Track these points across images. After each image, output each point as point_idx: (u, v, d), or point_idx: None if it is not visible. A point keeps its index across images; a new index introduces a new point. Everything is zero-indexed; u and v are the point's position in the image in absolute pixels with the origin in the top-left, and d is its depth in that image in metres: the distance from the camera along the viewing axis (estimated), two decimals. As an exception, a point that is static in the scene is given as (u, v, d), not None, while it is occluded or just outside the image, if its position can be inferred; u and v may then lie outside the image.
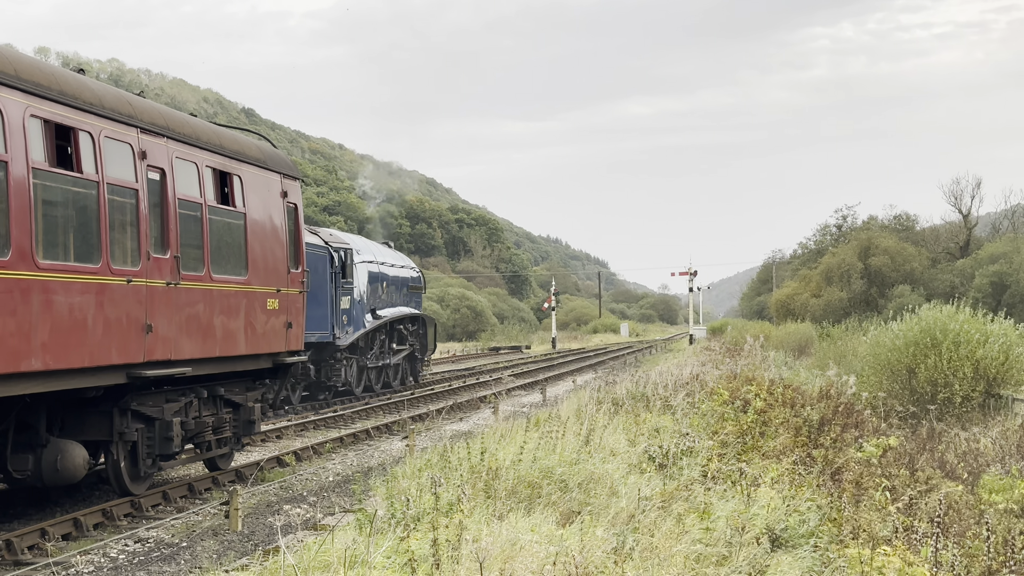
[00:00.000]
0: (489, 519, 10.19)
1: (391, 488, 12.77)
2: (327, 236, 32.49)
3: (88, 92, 13.49)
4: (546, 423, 15.97)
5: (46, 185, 12.28)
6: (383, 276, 36.89)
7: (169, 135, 15.15)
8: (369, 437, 24.75)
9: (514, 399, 33.76)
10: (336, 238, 33.15)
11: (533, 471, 11.99)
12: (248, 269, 17.21)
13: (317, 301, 29.49)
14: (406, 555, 8.78)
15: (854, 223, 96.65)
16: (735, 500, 11.22)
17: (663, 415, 19.25)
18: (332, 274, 31.42)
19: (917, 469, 16.73)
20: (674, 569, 8.11)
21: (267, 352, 18.03)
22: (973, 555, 10.66)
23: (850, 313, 70.22)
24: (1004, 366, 29.21)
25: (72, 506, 15.27)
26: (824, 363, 37.57)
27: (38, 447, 13.37)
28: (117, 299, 13.47)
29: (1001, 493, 15.20)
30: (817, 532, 9.93)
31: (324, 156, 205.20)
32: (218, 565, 10.84)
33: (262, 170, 18.10)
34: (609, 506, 10.97)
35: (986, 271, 75.30)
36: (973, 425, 25.88)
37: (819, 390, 24.73)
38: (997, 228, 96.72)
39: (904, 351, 29.84)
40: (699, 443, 14.28)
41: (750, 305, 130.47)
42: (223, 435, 17.46)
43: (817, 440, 17.62)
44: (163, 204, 14.82)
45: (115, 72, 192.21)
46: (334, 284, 31.46)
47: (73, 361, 12.66)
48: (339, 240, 33.03)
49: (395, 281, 38.41)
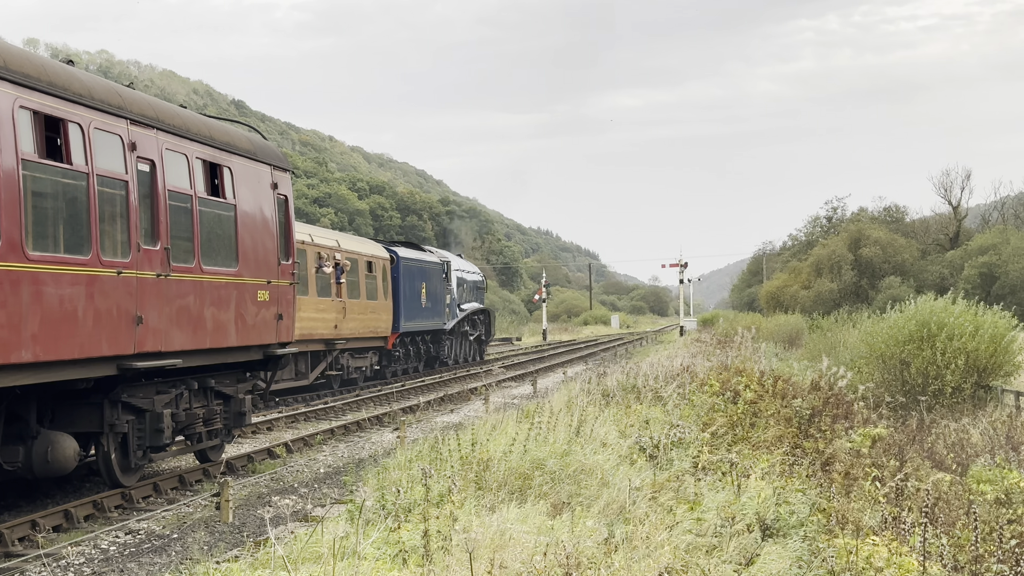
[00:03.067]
0: (480, 510, 10.22)
1: (382, 479, 12.79)
2: (440, 253, 47.41)
3: (77, 83, 13.46)
4: (537, 415, 15.99)
5: (36, 177, 12.25)
6: (464, 280, 50.84)
7: (159, 126, 15.12)
8: (360, 428, 24.75)
9: (505, 391, 33.80)
10: (439, 254, 47.38)
11: (524, 462, 12.02)
12: (239, 261, 17.19)
13: (435, 299, 43.81)
14: (397, 546, 8.80)
15: (844, 215, 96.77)
16: (725, 491, 11.26)
17: (654, 406, 19.29)
18: (443, 281, 45.34)
19: (907, 460, 16.79)
20: (664, 559, 8.13)
21: (258, 344, 18.01)
22: (961, 545, 10.71)
23: (840, 304, 70.38)
24: (993, 357, 29.31)
25: (63, 498, 15.26)
26: (814, 354, 37.64)
27: (28, 439, 13.35)
28: (107, 291, 13.45)
29: (990, 483, 15.27)
30: (807, 522, 9.97)
31: (314, 148, 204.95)
32: (209, 556, 10.84)
33: (252, 162, 18.07)
34: (600, 497, 11.00)
35: (976, 262, 75.48)
36: (963, 416, 25.96)
37: (810, 381, 24.80)
38: (987, 219, 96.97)
39: (900, 343, 29.91)
40: (690, 434, 14.32)
41: (740, 297, 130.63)
42: (214, 427, 17.46)
43: (807, 431, 17.68)
44: (153, 196, 14.79)
45: (104, 63, 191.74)
46: (443, 288, 45.39)
47: (63, 353, 12.65)
48: (442, 256, 47.28)
49: (470, 284, 52.39)
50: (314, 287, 31.36)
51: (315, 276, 31.50)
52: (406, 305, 40.16)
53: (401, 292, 39.62)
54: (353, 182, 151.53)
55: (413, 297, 41.26)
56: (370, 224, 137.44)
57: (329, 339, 32.15)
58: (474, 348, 52.06)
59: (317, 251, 31.84)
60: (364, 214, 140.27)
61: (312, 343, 30.88)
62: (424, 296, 42.63)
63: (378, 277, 37.44)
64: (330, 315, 32.51)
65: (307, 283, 30.41)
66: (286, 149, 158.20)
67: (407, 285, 40.44)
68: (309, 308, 30.37)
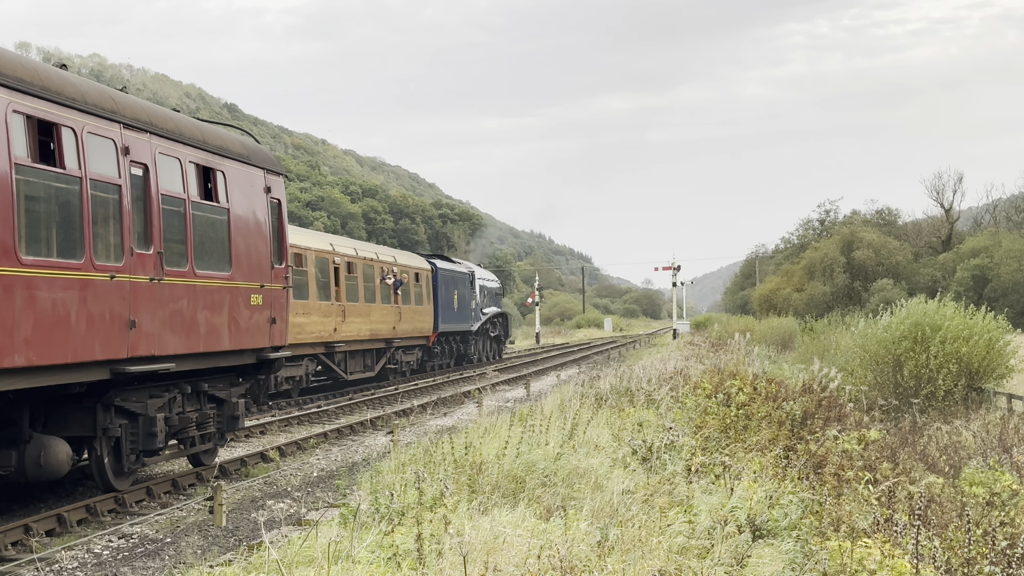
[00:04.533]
0: (473, 513, 10.23)
1: (375, 483, 12.78)
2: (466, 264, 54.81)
3: (71, 87, 13.46)
4: (530, 418, 16.00)
5: (29, 181, 12.25)
6: (485, 287, 57.09)
7: (152, 131, 15.12)
8: (353, 432, 24.75)
9: (498, 394, 33.79)
10: (466, 265, 54.38)
11: (517, 466, 12.03)
12: (232, 265, 17.20)
13: (463, 305, 50.36)
14: (390, 549, 8.81)
15: (836, 217, 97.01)
16: (718, 493, 11.28)
17: (647, 409, 19.31)
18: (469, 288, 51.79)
19: (899, 462, 16.83)
20: (657, 561, 8.15)
21: (251, 348, 18.02)
22: (954, 547, 10.75)
23: (832, 307, 70.50)
24: (985, 360, 29.40)
25: (56, 502, 15.25)
26: (807, 357, 37.70)
27: (21, 443, 13.34)
28: (100, 295, 13.45)
29: (982, 485, 15.31)
30: (799, 524, 10.00)
31: (307, 151, 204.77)
32: (202, 560, 10.85)
33: (245, 166, 18.08)
34: (593, 500, 11.01)
35: (968, 265, 75.68)
36: (955, 418, 26.04)
37: (802, 384, 24.84)
38: (979, 222, 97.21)
39: (894, 345, 29.98)
40: (682, 438, 14.34)
41: (733, 300, 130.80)
42: (207, 431, 17.45)
43: (800, 434, 17.71)
44: (146, 200, 14.80)
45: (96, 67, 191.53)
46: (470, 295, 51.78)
47: (56, 357, 12.64)
48: (468, 266, 54.20)
49: (490, 290, 58.68)
50: (379, 296, 38.12)
51: (380, 286, 38.14)
52: (443, 309, 46.56)
53: (439, 298, 46.09)
54: (346, 185, 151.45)
55: (448, 303, 47.70)
56: (363, 228, 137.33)
57: (388, 338, 39.08)
58: (494, 347, 58.18)
59: (381, 266, 38.79)
60: (357, 217, 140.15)
61: (377, 342, 37.99)
62: (456, 302, 49.16)
63: (423, 286, 44.03)
64: (390, 319, 39.13)
65: (375, 293, 37.59)
66: (279, 153, 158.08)
67: (443, 292, 46.88)
68: (376, 313, 37.57)
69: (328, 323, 32.88)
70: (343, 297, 34.31)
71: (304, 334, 30.69)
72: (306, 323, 30.97)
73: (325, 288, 32.96)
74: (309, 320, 31.30)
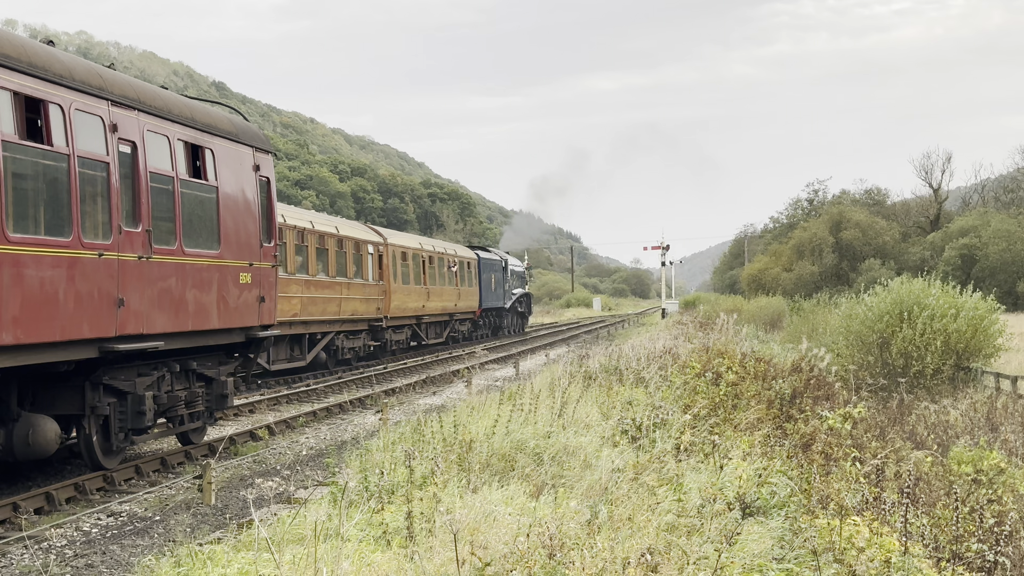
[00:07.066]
0: (463, 492, 10.23)
1: (365, 461, 12.78)
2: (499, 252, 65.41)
3: (58, 64, 13.38)
4: (519, 396, 16.01)
5: (16, 158, 12.18)
6: (514, 272, 66.42)
7: (140, 108, 15.05)
8: (342, 411, 24.75)
9: (487, 373, 33.81)
10: (499, 253, 64.85)
11: (506, 444, 12.04)
12: (220, 243, 17.14)
13: (499, 286, 61.29)
14: (380, 527, 8.82)
15: (825, 197, 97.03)
16: (707, 472, 11.30)
17: (636, 388, 19.33)
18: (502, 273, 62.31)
19: (887, 441, 16.89)
20: (646, 539, 8.16)
21: (240, 326, 17.98)
22: (942, 525, 10.80)
23: (821, 287, 70.63)
24: (972, 340, 29.47)
25: (44, 480, 15.23)
26: (795, 337, 37.79)
27: (9, 421, 13.32)
28: (88, 273, 13.40)
29: (970, 464, 15.38)
30: (788, 502, 10.02)
31: (296, 130, 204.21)
32: (192, 538, 10.83)
33: (234, 143, 18.01)
34: (583, 478, 11.03)
35: (956, 244, 75.81)
36: (943, 398, 26.13)
37: (791, 363, 24.88)
38: (967, 202, 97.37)
39: (877, 322, 30.04)
40: (672, 416, 14.35)
41: (722, 279, 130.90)
42: (196, 409, 17.43)
43: (788, 412, 17.76)
44: (134, 177, 14.73)
45: (83, 44, 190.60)
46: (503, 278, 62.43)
47: (44, 335, 12.60)
48: (501, 255, 64.75)
49: (517, 274, 68.07)
50: (446, 280, 49.78)
51: (447, 274, 50.02)
52: (484, 290, 57.81)
53: (482, 282, 57.33)
54: (335, 164, 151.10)
55: (488, 285, 58.85)
56: (352, 207, 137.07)
57: (451, 313, 51.40)
58: (520, 322, 68.82)
59: (447, 259, 50.54)
60: (346, 196, 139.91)
61: (444, 316, 50.11)
62: (493, 284, 60.23)
63: (472, 272, 55.75)
64: (453, 298, 51.05)
65: (446, 278, 49.67)
66: (268, 131, 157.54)
67: (485, 276, 58.22)
68: (446, 294, 49.68)
69: (420, 301, 44.93)
70: (427, 282, 46.47)
71: (407, 309, 43.00)
72: (408, 301, 42.94)
73: (418, 276, 45.15)
74: (409, 299, 43.22)
